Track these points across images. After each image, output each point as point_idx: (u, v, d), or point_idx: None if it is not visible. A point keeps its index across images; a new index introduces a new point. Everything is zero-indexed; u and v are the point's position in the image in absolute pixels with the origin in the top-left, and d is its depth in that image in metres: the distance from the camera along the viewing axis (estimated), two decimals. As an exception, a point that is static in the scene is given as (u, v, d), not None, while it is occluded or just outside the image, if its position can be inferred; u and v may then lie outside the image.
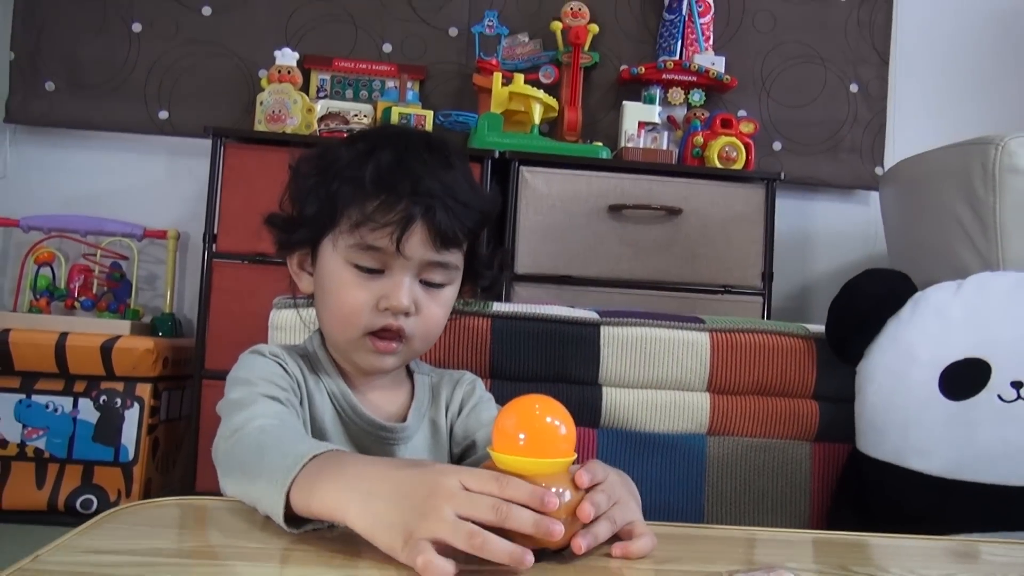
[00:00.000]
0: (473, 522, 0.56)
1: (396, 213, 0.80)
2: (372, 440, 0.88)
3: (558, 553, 0.61)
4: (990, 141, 1.51)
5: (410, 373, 0.96)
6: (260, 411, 0.76)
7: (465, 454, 0.93)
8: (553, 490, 0.60)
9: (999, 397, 1.18)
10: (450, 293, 0.88)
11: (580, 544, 0.60)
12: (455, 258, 0.86)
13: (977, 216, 1.49)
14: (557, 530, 0.57)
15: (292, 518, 0.63)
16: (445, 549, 0.56)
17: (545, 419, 0.62)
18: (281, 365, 0.85)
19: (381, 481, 0.61)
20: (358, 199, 0.81)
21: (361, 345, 0.85)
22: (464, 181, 0.86)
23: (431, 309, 0.85)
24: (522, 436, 0.61)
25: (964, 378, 1.21)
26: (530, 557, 0.56)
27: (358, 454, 0.78)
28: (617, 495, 0.65)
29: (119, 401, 1.85)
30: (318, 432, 0.87)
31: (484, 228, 0.89)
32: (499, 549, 0.55)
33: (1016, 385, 1.18)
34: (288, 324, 1.48)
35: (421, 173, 0.82)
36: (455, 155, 0.87)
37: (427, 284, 0.85)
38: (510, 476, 0.60)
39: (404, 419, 0.90)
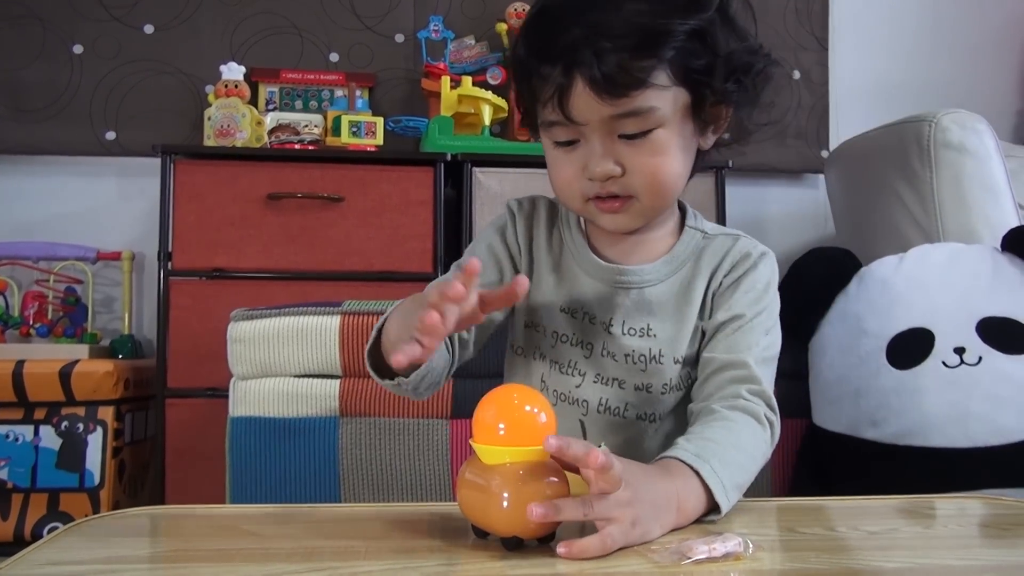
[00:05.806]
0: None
1: (552, 81, 0.76)
2: (605, 283, 0.87)
3: (543, 542, 0.61)
4: (924, 118, 1.56)
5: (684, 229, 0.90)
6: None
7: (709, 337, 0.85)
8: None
9: (943, 364, 1.22)
10: (663, 136, 0.79)
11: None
12: (648, 99, 0.76)
13: (916, 192, 1.54)
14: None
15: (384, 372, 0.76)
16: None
17: (524, 408, 0.62)
18: (504, 229, 0.92)
19: (409, 300, 0.74)
20: (526, 77, 0.80)
21: (589, 211, 0.84)
22: (623, 6, 0.75)
23: (641, 161, 0.79)
24: (502, 426, 0.61)
25: (910, 347, 1.25)
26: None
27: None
28: (615, 487, 0.60)
29: (81, 426, 1.83)
30: (564, 271, 0.89)
31: (677, 42, 0.76)
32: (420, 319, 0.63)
33: (959, 351, 1.22)
34: (247, 336, 1.48)
35: (569, 24, 0.75)
36: None
37: (628, 137, 0.78)
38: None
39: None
